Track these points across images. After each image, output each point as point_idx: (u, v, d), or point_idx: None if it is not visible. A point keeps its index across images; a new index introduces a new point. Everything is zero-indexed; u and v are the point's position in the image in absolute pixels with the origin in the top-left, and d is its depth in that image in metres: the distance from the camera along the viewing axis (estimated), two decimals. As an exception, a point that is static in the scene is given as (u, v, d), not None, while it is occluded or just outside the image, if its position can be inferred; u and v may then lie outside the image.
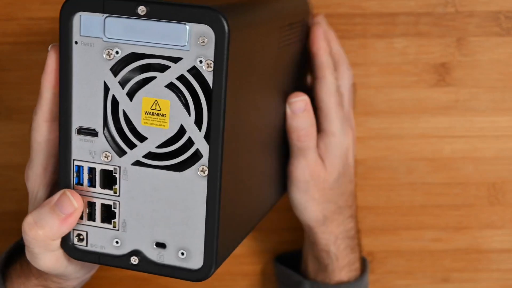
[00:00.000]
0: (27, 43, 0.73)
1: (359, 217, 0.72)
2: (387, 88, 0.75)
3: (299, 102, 0.62)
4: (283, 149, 0.64)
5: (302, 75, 0.68)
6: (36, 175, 0.55)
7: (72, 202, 0.51)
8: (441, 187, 0.77)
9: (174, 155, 0.51)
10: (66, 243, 0.53)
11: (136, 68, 0.50)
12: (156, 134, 0.50)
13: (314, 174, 0.65)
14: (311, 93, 0.65)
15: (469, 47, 0.74)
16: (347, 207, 0.68)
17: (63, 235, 0.53)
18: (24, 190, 0.76)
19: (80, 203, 0.52)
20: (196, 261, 0.52)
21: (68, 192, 0.52)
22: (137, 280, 0.79)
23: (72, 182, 0.52)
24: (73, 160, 0.52)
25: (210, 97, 0.49)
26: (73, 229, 0.53)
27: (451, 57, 0.74)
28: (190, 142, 0.50)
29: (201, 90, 0.49)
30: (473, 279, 0.79)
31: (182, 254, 0.52)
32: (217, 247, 0.51)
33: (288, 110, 0.62)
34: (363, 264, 0.72)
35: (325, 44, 0.65)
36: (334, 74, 0.65)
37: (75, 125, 0.51)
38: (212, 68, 0.48)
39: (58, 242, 0.53)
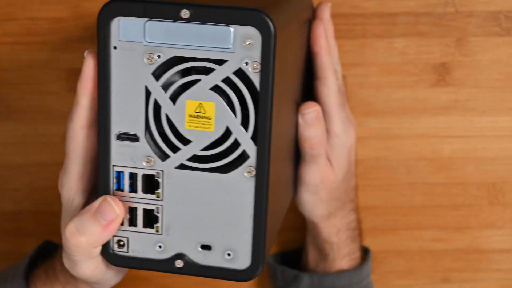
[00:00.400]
0: (27, 43, 0.73)
1: (359, 217, 0.72)
2: (387, 88, 0.75)
3: (312, 113, 0.61)
4: (295, 152, 0.64)
5: (308, 74, 0.68)
6: (73, 183, 0.54)
7: (113, 208, 0.51)
8: (441, 187, 0.77)
9: (218, 157, 0.51)
10: (106, 250, 0.53)
11: (177, 72, 0.50)
12: (201, 136, 0.50)
13: (324, 177, 0.65)
14: (312, 91, 0.65)
15: (469, 47, 0.74)
16: (349, 202, 0.69)
17: (104, 242, 0.52)
18: (24, 190, 0.76)
19: (121, 209, 0.51)
20: (243, 261, 0.52)
21: (109, 198, 0.51)
22: (137, 280, 0.79)
23: (112, 188, 0.52)
24: (113, 166, 0.52)
25: (256, 98, 0.49)
26: (113, 236, 0.53)
27: (451, 57, 0.74)
28: (235, 144, 0.50)
29: (247, 91, 0.49)
30: (473, 279, 0.79)
31: (229, 255, 0.52)
32: (264, 246, 0.51)
33: (301, 120, 0.61)
34: (365, 254, 0.73)
35: (326, 42, 0.64)
36: (335, 74, 0.65)
37: (114, 131, 0.51)
38: (258, 70, 0.48)
39: (99, 249, 0.53)
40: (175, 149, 0.51)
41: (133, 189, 0.52)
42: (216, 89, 0.49)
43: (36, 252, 0.62)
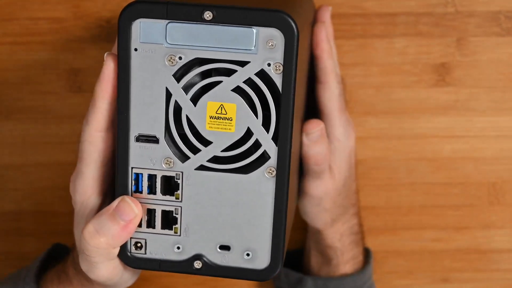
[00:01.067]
0: (27, 43, 0.73)
1: (361, 221, 0.72)
2: (387, 88, 0.75)
3: (316, 133, 0.61)
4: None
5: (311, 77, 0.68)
6: (87, 186, 0.54)
7: (132, 208, 0.51)
8: (441, 187, 0.77)
9: (238, 157, 0.51)
10: (123, 252, 0.53)
11: (198, 73, 0.50)
12: (221, 137, 0.50)
13: (328, 190, 0.65)
14: (312, 94, 0.65)
15: (469, 47, 0.74)
16: (351, 206, 0.69)
17: (123, 242, 0.52)
18: (24, 190, 0.76)
19: (139, 208, 0.52)
20: (262, 261, 0.52)
21: (127, 198, 0.51)
22: (137, 280, 0.79)
23: (130, 190, 0.52)
24: (132, 167, 0.52)
25: (278, 98, 0.49)
26: (130, 238, 0.53)
27: (451, 57, 0.74)
28: (256, 144, 0.51)
29: (269, 92, 0.49)
30: (473, 279, 0.79)
31: (248, 255, 0.52)
32: (283, 245, 0.52)
33: (305, 139, 0.61)
34: (366, 255, 0.73)
35: (328, 46, 0.64)
36: (337, 78, 0.64)
37: (133, 132, 0.51)
38: (281, 71, 0.49)
39: (117, 250, 0.53)
40: (195, 150, 0.51)
41: (151, 190, 0.52)
42: (237, 90, 0.50)
43: (47, 255, 0.62)
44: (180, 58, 0.49)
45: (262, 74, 0.49)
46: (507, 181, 0.77)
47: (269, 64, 0.49)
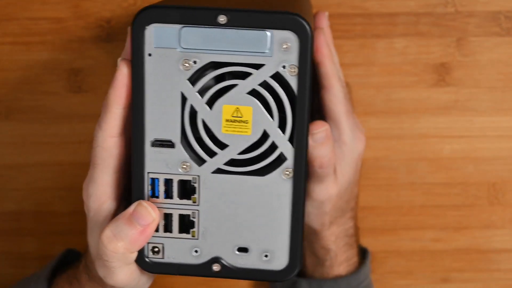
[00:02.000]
0: (27, 43, 0.73)
1: (359, 217, 0.72)
2: (387, 88, 0.75)
3: (321, 133, 0.61)
4: None
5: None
6: (102, 192, 0.54)
7: (149, 212, 0.51)
8: (441, 187, 0.77)
9: (255, 160, 0.51)
10: (141, 258, 0.53)
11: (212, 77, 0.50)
12: (237, 140, 0.51)
13: (330, 195, 0.64)
14: (317, 99, 0.65)
15: (469, 47, 0.74)
16: (349, 210, 0.68)
17: (141, 246, 0.52)
18: (24, 190, 0.76)
19: (157, 213, 0.52)
20: (280, 262, 0.53)
21: (144, 202, 0.51)
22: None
23: (146, 195, 0.52)
24: (148, 173, 0.52)
25: (293, 100, 0.50)
26: (148, 243, 0.53)
27: (451, 57, 0.74)
28: (273, 146, 0.51)
29: (284, 94, 0.50)
30: (473, 279, 0.79)
31: (266, 256, 0.53)
32: (301, 245, 0.52)
33: (310, 141, 0.59)
34: (363, 257, 0.72)
35: (328, 51, 0.63)
36: (340, 81, 0.64)
37: (149, 138, 0.51)
38: (296, 73, 0.49)
39: (135, 254, 0.53)
40: (211, 153, 0.52)
41: (168, 195, 0.52)
42: (252, 93, 0.50)
43: (58, 261, 0.62)
44: (194, 62, 0.50)
45: (277, 77, 0.50)
46: (507, 181, 0.77)
47: (284, 67, 0.49)
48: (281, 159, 0.51)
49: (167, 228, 0.53)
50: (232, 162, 0.52)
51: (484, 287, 0.79)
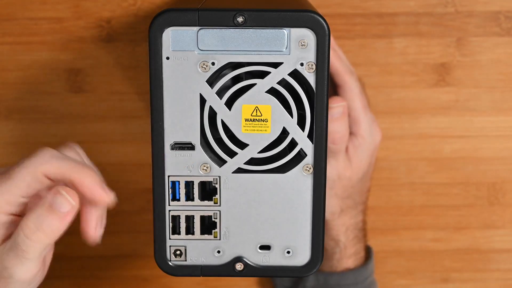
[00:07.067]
0: (27, 43, 0.73)
1: (366, 219, 0.72)
2: (387, 88, 0.75)
3: (339, 108, 0.62)
4: None
5: None
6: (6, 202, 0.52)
7: (68, 199, 0.50)
8: (441, 187, 0.77)
9: (274, 158, 0.52)
10: (163, 261, 0.54)
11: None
12: (257, 139, 0.51)
13: (341, 174, 0.66)
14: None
15: (469, 47, 0.74)
16: (361, 203, 0.70)
17: (59, 235, 0.51)
18: (24, 190, 0.76)
19: (76, 200, 0.50)
20: (302, 258, 0.54)
21: (62, 190, 0.50)
22: (137, 280, 0.79)
23: (167, 199, 0.53)
24: (168, 176, 0.52)
25: (311, 96, 0.50)
26: (169, 246, 0.53)
27: (451, 57, 0.74)
28: (292, 143, 0.51)
29: (303, 91, 0.50)
30: (473, 279, 0.79)
31: (288, 252, 0.53)
32: (323, 240, 0.53)
33: None
34: (368, 253, 0.73)
35: (332, 50, 0.64)
36: (354, 76, 0.65)
37: (168, 141, 0.52)
38: (314, 69, 0.50)
39: (53, 243, 0.52)
40: (231, 154, 0.52)
41: (189, 197, 0.53)
42: (270, 91, 0.51)
43: None
44: (212, 63, 0.50)
45: (295, 74, 0.50)
46: (507, 181, 0.77)
47: (302, 64, 0.50)
48: (301, 155, 0.52)
49: (189, 230, 0.53)
50: (252, 161, 0.52)
51: (484, 287, 0.79)
